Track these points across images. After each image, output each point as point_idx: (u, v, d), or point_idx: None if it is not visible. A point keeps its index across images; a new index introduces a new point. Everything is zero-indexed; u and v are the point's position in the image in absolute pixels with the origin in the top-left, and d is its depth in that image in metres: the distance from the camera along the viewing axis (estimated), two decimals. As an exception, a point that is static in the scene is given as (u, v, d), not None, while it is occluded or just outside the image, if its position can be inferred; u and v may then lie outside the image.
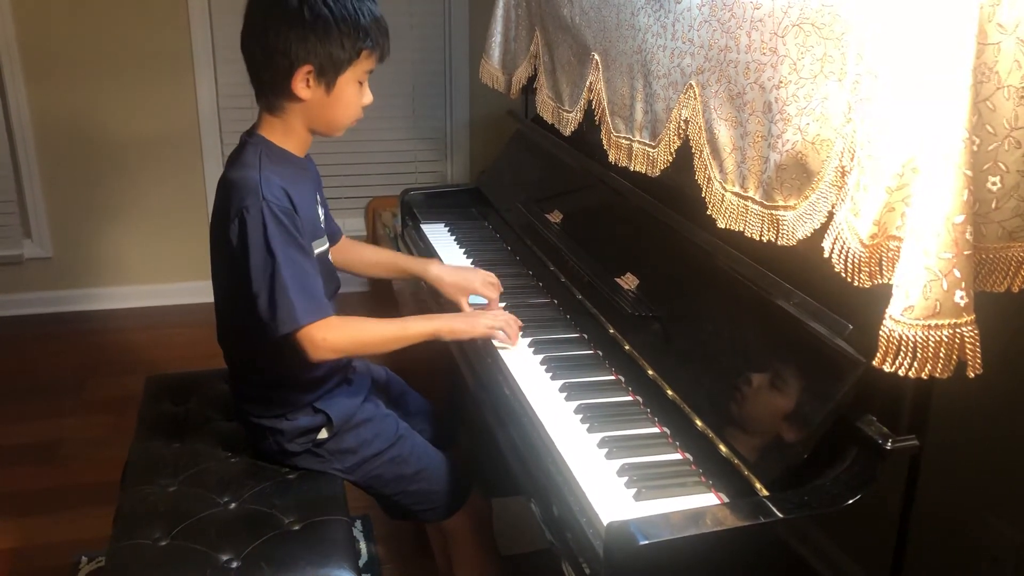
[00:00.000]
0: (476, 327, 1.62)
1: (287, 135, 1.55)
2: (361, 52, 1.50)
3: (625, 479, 1.23)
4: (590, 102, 1.87)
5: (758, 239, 1.28)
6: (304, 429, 1.62)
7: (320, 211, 1.65)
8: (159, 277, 3.71)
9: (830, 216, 1.12)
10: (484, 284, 1.78)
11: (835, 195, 1.11)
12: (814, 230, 1.16)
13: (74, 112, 3.44)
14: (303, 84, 1.48)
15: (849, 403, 1.11)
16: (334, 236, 1.80)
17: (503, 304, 1.80)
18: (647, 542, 1.02)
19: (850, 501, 1.07)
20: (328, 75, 1.49)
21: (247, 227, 1.44)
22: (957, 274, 0.93)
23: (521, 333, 1.66)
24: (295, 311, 1.44)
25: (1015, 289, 1.02)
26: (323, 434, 1.63)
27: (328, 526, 1.51)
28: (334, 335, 1.48)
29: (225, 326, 1.65)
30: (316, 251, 1.57)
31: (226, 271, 1.55)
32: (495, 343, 1.63)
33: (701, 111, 1.42)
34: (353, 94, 1.53)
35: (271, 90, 1.51)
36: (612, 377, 1.54)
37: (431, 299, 1.86)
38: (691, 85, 1.44)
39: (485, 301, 1.78)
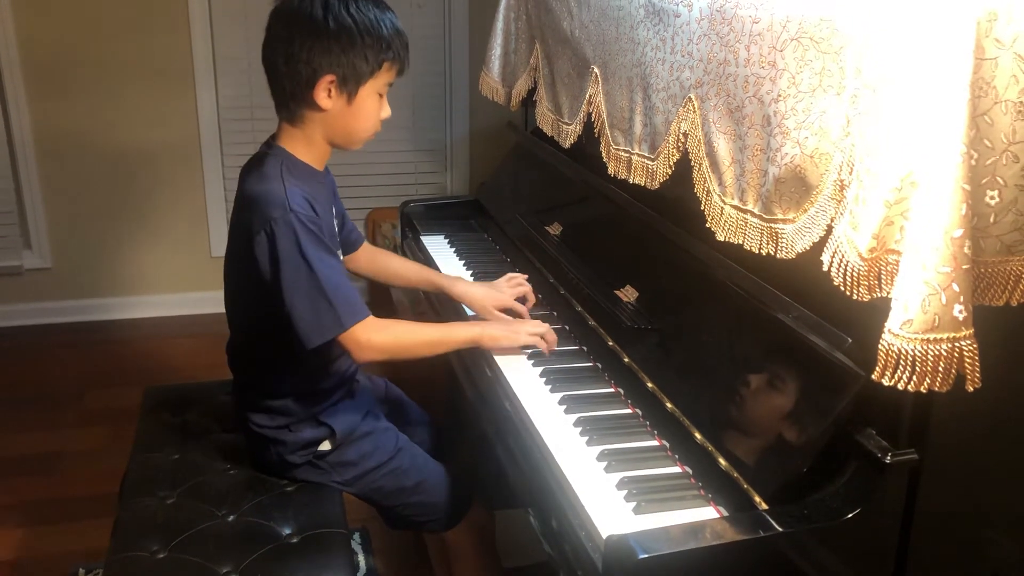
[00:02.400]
0: (519, 335, 1.62)
1: (308, 147, 1.55)
2: (383, 64, 1.50)
3: (624, 492, 1.22)
4: (589, 115, 1.87)
5: (757, 252, 1.28)
6: (307, 441, 1.62)
7: (335, 222, 1.65)
8: (159, 288, 3.71)
9: (829, 229, 1.12)
10: (512, 287, 1.80)
11: (834, 209, 1.12)
12: (813, 243, 1.16)
13: (75, 123, 3.45)
14: (325, 94, 1.48)
15: (848, 417, 1.11)
16: (355, 243, 1.80)
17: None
18: (646, 556, 1.02)
19: (850, 515, 1.07)
20: (350, 85, 1.49)
21: (276, 240, 1.43)
22: (956, 288, 0.93)
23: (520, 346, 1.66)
24: (338, 314, 1.44)
25: (1013, 303, 1.02)
26: (325, 446, 1.63)
27: (326, 539, 1.51)
28: (379, 336, 1.49)
29: (236, 337, 1.64)
30: None
31: (244, 284, 1.54)
32: (495, 357, 1.63)
33: (700, 124, 1.42)
34: (373, 106, 1.53)
35: (292, 99, 1.51)
36: (611, 390, 1.54)
37: (430, 311, 1.86)
38: (690, 98, 1.45)
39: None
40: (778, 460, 1.16)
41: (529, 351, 1.64)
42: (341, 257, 1.64)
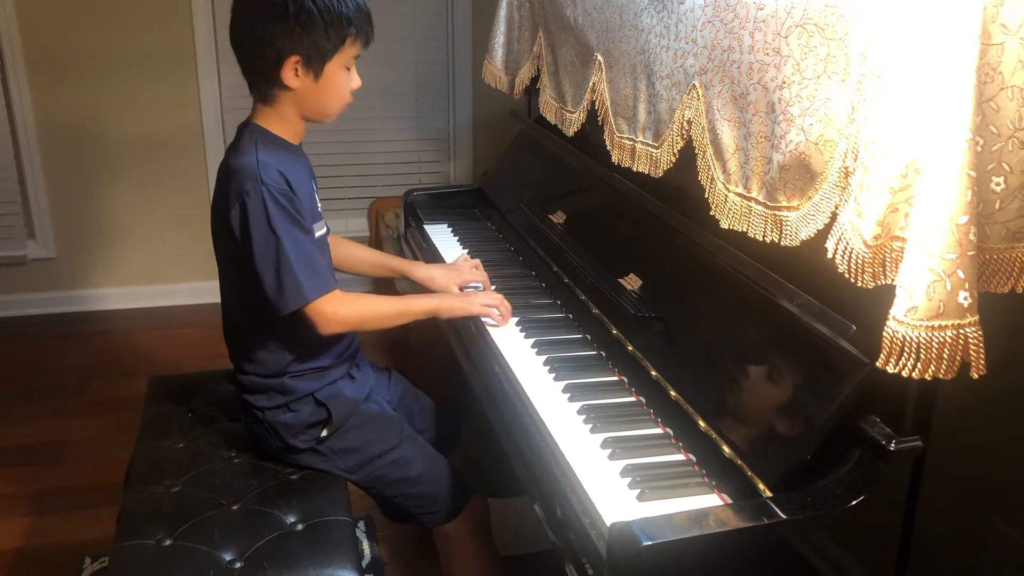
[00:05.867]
0: (472, 305, 1.70)
1: (282, 123, 1.60)
2: (346, 40, 1.54)
3: (628, 480, 1.23)
4: (593, 103, 1.87)
5: (761, 240, 1.28)
6: (307, 423, 1.63)
7: (317, 196, 1.67)
8: (162, 277, 3.72)
9: (833, 217, 1.12)
10: (470, 270, 1.88)
11: (838, 196, 1.11)
12: (817, 231, 1.16)
13: (78, 113, 3.45)
14: (292, 73, 1.53)
15: (852, 404, 1.11)
16: None
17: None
18: (650, 543, 1.02)
19: (854, 502, 1.07)
20: (315, 64, 1.53)
21: (248, 210, 1.48)
22: (961, 275, 0.92)
23: (524, 334, 1.67)
24: (302, 287, 1.49)
25: (1019, 290, 1.01)
26: (325, 432, 1.63)
27: (331, 526, 1.52)
28: (343, 308, 1.54)
29: (230, 316, 1.67)
30: (316, 234, 1.60)
31: (229, 258, 1.58)
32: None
33: (704, 111, 1.42)
34: (341, 80, 1.58)
35: (262, 80, 1.56)
36: (615, 378, 1.54)
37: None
38: (694, 86, 1.44)
39: (478, 287, 1.86)
40: (782, 447, 1.16)
41: (532, 339, 1.64)
42: (326, 229, 1.68)
